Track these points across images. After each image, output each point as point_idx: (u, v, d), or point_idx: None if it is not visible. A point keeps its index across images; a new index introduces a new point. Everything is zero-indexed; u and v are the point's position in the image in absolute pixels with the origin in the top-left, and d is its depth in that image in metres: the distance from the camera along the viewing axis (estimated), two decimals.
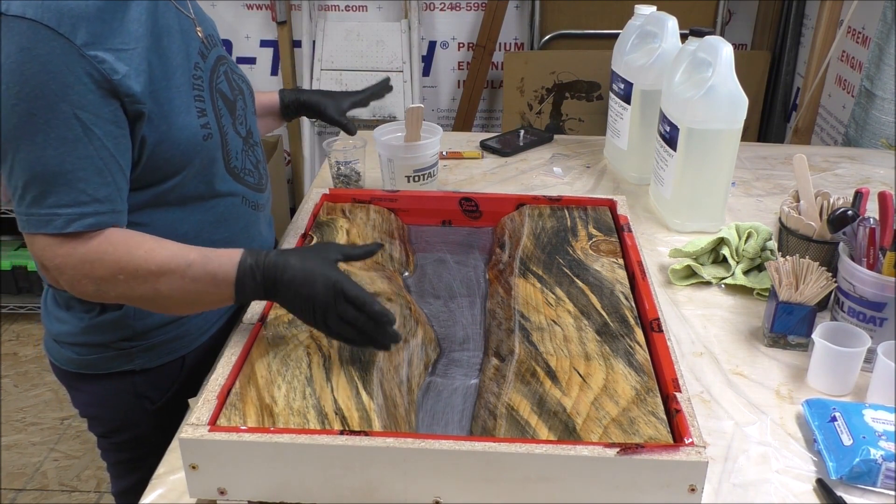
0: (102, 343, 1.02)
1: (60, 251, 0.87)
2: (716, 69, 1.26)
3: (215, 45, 1.06)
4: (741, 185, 1.59)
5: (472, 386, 0.92)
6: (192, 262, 0.88)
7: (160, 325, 1.03)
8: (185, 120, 0.94)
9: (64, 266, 0.87)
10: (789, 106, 2.73)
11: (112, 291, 0.89)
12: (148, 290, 0.88)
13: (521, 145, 1.79)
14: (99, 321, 1.00)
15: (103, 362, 1.03)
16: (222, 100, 1.03)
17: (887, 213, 1.02)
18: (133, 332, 1.01)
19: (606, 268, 1.08)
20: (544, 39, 2.75)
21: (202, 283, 0.88)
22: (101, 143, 0.86)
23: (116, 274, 0.87)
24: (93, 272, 0.87)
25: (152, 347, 1.03)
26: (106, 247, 0.87)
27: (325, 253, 0.89)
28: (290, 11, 2.81)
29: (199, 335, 1.07)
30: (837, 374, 0.97)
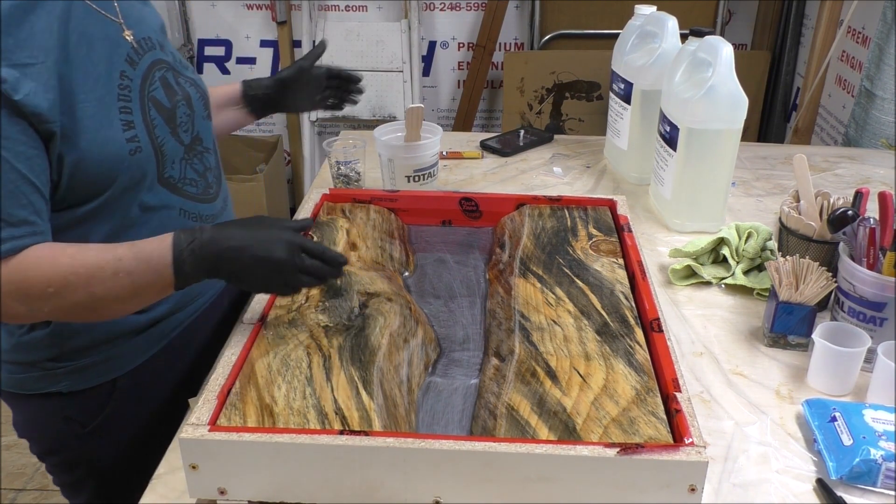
0: (29, 362, 0.97)
1: None
2: (716, 69, 1.26)
3: (152, 48, 0.97)
4: (741, 185, 1.59)
5: (472, 386, 0.92)
6: (121, 257, 0.84)
7: (89, 345, 0.97)
8: (106, 135, 0.87)
9: None
10: (789, 106, 2.73)
11: (45, 307, 0.84)
12: (82, 297, 0.83)
13: (521, 145, 1.79)
14: (27, 339, 0.96)
15: (30, 382, 0.99)
16: (156, 108, 0.95)
17: (887, 213, 1.02)
18: (60, 351, 0.96)
19: (606, 268, 1.08)
20: (544, 39, 2.75)
21: (137, 273, 0.84)
22: (11, 166, 0.80)
23: (45, 288, 0.82)
24: (20, 293, 0.82)
25: (81, 369, 0.98)
26: (27, 264, 0.82)
27: (266, 220, 0.88)
28: (290, 11, 2.81)
29: (133, 357, 1.01)
30: (837, 374, 0.97)
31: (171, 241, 0.85)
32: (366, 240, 1.16)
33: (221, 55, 2.96)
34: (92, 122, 0.86)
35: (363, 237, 1.17)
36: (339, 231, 1.17)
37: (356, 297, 1.00)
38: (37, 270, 0.82)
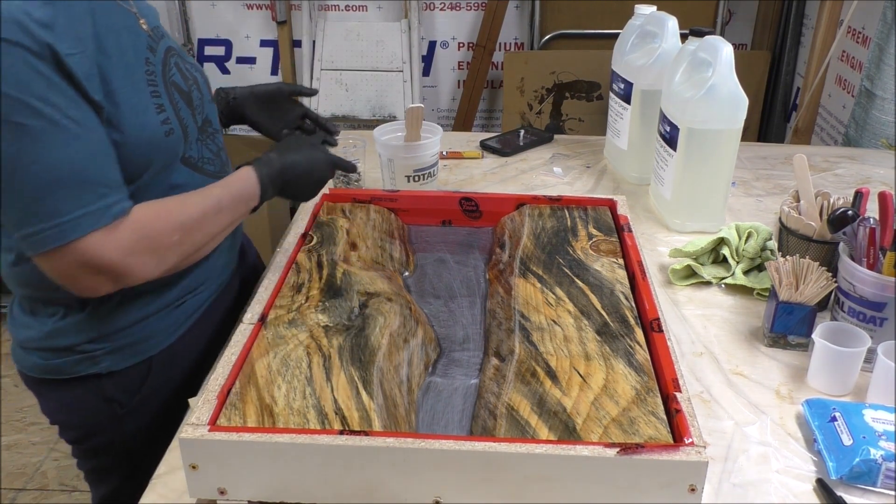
0: (67, 347, 0.99)
1: (111, 244, 0.85)
2: (716, 69, 1.26)
3: (162, 36, 1.02)
4: (741, 185, 1.59)
5: (472, 386, 0.92)
6: (220, 197, 0.96)
7: (125, 326, 1.01)
8: (144, 119, 0.92)
9: (121, 256, 0.86)
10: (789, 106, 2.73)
11: (172, 256, 0.92)
12: (199, 238, 0.95)
13: (521, 145, 1.79)
14: (63, 324, 0.98)
15: (68, 366, 1.01)
16: (178, 92, 1.00)
17: (887, 213, 1.02)
18: (98, 334, 0.99)
19: (606, 268, 1.08)
20: (544, 39, 2.75)
21: (233, 208, 0.98)
22: (98, 137, 0.86)
23: (171, 237, 0.91)
24: (150, 247, 0.89)
25: (118, 349, 1.01)
26: (146, 220, 0.89)
27: (308, 143, 1.10)
28: (290, 11, 2.81)
29: (165, 337, 1.05)
30: (837, 374, 0.97)
31: (256, 177, 1.00)
32: (366, 240, 1.16)
33: (221, 55, 2.96)
34: (131, 108, 0.90)
35: (363, 237, 1.17)
36: (339, 231, 1.17)
37: (356, 297, 1.00)
38: (158, 223, 0.90)
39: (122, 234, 0.86)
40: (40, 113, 0.80)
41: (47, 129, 0.81)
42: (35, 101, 0.80)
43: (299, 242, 1.13)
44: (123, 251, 0.86)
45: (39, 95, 0.80)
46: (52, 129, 0.81)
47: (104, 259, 0.85)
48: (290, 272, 1.06)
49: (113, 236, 0.86)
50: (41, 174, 0.81)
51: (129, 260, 0.87)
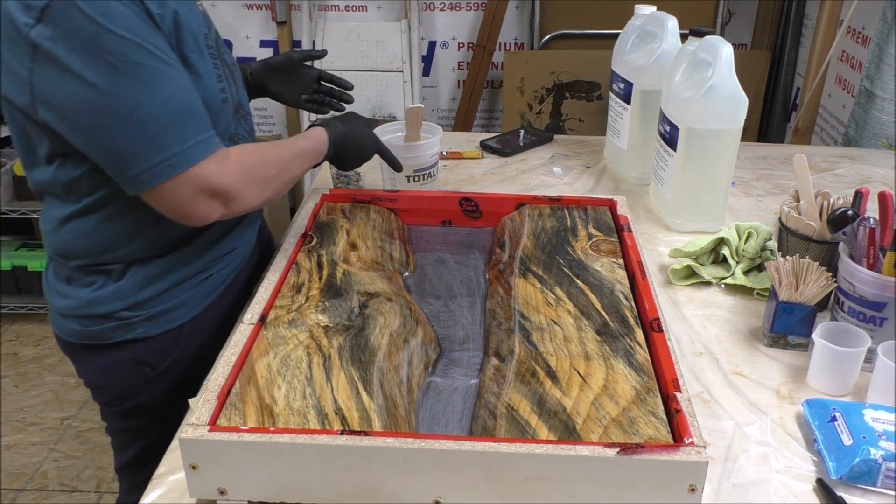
0: (105, 314, 1.05)
1: (223, 170, 0.95)
2: (716, 69, 1.26)
3: (211, 23, 1.10)
4: (741, 185, 1.59)
5: (472, 386, 0.92)
6: (303, 147, 1.10)
7: (159, 293, 1.07)
8: (208, 83, 1.00)
9: (233, 180, 0.96)
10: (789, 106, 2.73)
11: (268, 189, 1.02)
12: (287, 178, 1.06)
13: (521, 145, 1.79)
14: (101, 294, 1.05)
15: (106, 333, 1.07)
16: (227, 69, 1.08)
17: (887, 213, 1.02)
18: (134, 301, 1.06)
19: (606, 268, 1.08)
20: (544, 39, 2.75)
21: (309, 160, 1.12)
22: (189, 81, 0.95)
23: (269, 172, 1.02)
24: (253, 179, 0.99)
25: (153, 317, 1.08)
26: (244, 153, 1.00)
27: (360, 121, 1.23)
28: (290, 11, 2.81)
29: (196, 304, 1.12)
30: (837, 374, 0.97)
31: (328, 136, 1.15)
32: (366, 240, 1.16)
33: None
34: (198, 71, 0.99)
35: (363, 237, 1.17)
36: (339, 231, 1.17)
37: (356, 297, 1.00)
38: (257, 157, 1.01)
39: (231, 162, 0.96)
40: (152, 54, 0.89)
41: (159, 67, 0.90)
42: (146, 43, 0.88)
43: (299, 242, 1.13)
44: (234, 177, 0.96)
45: (148, 39, 0.89)
46: (164, 67, 0.90)
47: (220, 183, 0.94)
48: (290, 272, 1.06)
49: (224, 164, 0.95)
50: (159, 108, 0.90)
51: (239, 185, 0.97)
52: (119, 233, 1.02)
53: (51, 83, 0.87)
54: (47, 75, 0.87)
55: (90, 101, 0.87)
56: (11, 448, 2.16)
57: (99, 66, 0.86)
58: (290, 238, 1.14)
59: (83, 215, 1.01)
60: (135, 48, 0.87)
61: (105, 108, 0.87)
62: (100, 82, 0.86)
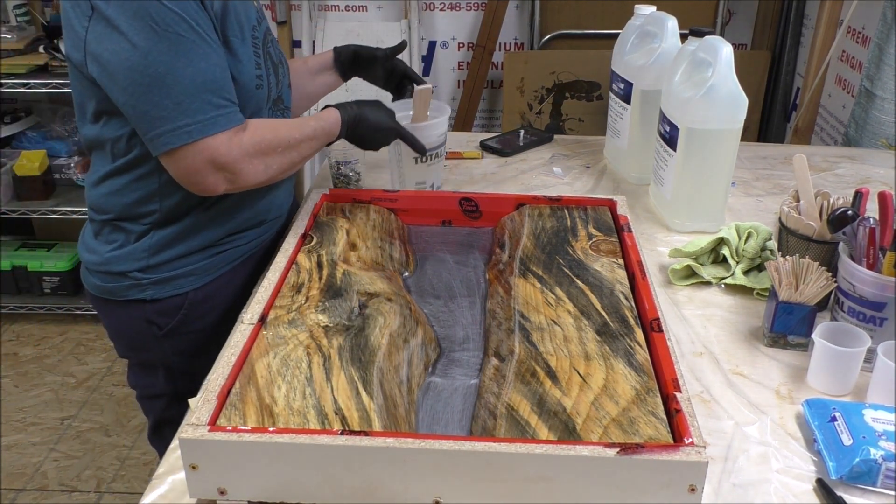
0: (121, 272, 1.16)
1: (235, 144, 1.03)
2: (716, 69, 1.26)
3: (264, 18, 1.20)
4: (741, 185, 1.59)
5: (472, 386, 0.92)
6: (314, 127, 1.15)
7: (171, 259, 1.16)
8: (245, 67, 1.09)
9: (240, 156, 1.04)
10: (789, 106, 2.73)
11: (275, 164, 1.10)
12: (294, 156, 1.13)
13: (521, 145, 1.78)
14: (119, 253, 1.15)
15: (121, 290, 1.17)
16: (270, 62, 1.17)
17: (887, 213, 1.02)
18: (147, 265, 1.15)
19: (606, 268, 1.08)
20: (544, 39, 2.75)
21: (319, 140, 1.17)
22: (224, 60, 1.04)
23: (277, 147, 1.09)
24: (260, 152, 1.07)
25: (160, 281, 1.16)
26: (257, 132, 1.07)
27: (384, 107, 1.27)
28: (290, 11, 2.81)
29: (203, 275, 1.19)
30: (837, 374, 0.97)
31: (341, 118, 1.19)
32: (366, 240, 1.16)
33: None
34: (238, 55, 1.08)
35: (363, 237, 1.17)
36: (339, 231, 1.17)
37: (356, 297, 1.00)
38: (267, 133, 1.08)
39: (244, 137, 1.05)
40: (194, 29, 0.99)
41: (198, 42, 0.99)
42: (190, 19, 0.98)
43: (299, 242, 1.13)
44: (242, 152, 1.04)
45: (192, 16, 0.99)
46: (202, 43, 1.00)
47: (229, 157, 1.03)
48: (290, 272, 1.06)
49: (237, 138, 1.04)
50: (189, 78, 0.99)
51: (245, 161, 1.05)
52: (145, 194, 1.11)
53: (101, 40, 0.98)
54: (99, 32, 0.98)
55: (131, 61, 0.97)
56: (11, 448, 2.16)
57: (143, 30, 0.96)
58: (290, 238, 1.14)
59: (118, 174, 1.11)
60: (179, 20, 0.97)
61: (142, 68, 0.97)
62: (142, 44, 0.96)
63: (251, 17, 1.12)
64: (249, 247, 1.24)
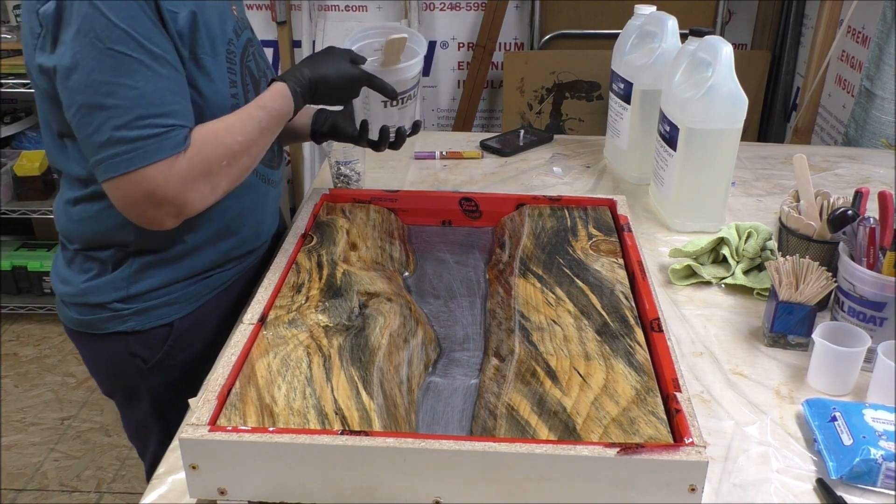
0: (99, 304, 1.08)
1: (174, 173, 0.93)
2: (716, 69, 1.26)
3: (246, 27, 1.12)
4: (741, 185, 1.59)
5: (472, 386, 0.92)
6: (259, 118, 1.02)
7: (153, 288, 1.08)
8: (218, 86, 1.01)
9: (181, 186, 0.94)
10: (789, 106, 2.73)
11: (224, 180, 0.99)
12: (246, 161, 1.01)
13: (521, 145, 1.78)
14: (96, 283, 1.07)
15: (100, 322, 1.09)
16: (250, 77, 1.09)
17: (887, 213, 1.02)
18: (126, 294, 1.07)
19: (606, 268, 1.08)
20: (544, 39, 2.75)
21: (272, 125, 1.04)
22: (183, 80, 0.96)
23: (220, 162, 0.97)
24: (203, 173, 0.96)
25: (144, 311, 1.09)
26: (198, 147, 0.96)
27: (336, 53, 1.12)
28: (290, 11, 2.81)
29: (188, 302, 1.12)
30: (837, 374, 0.97)
31: (290, 92, 1.05)
32: (366, 240, 1.16)
33: None
34: (208, 74, 1.00)
35: (363, 237, 1.17)
36: (339, 231, 1.17)
37: (356, 297, 1.00)
38: (208, 150, 0.96)
39: (184, 161, 0.94)
40: (143, 47, 0.91)
41: (147, 62, 0.91)
42: (140, 37, 0.90)
43: (299, 242, 1.13)
44: (183, 180, 0.94)
45: (145, 33, 0.91)
46: (151, 63, 0.91)
47: (168, 189, 0.93)
48: (290, 272, 1.06)
49: (177, 165, 0.93)
50: (134, 101, 0.90)
51: (188, 188, 0.95)
52: (120, 221, 1.01)
53: (49, 57, 0.91)
54: (47, 49, 0.91)
55: (72, 80, 0.90)
56: (11, 448, 2.16)
57: (87, 48, 0.88)
58: (290, 238, 1.14)
59: (90, 200, 1.03)
60: (126, 38, 0.89)
61: (83, 88, 0.90)
62: (84, 63, 0.89)
63: (227, 30, 1.04)
64: (236, 271, 1.17)
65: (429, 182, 1.60)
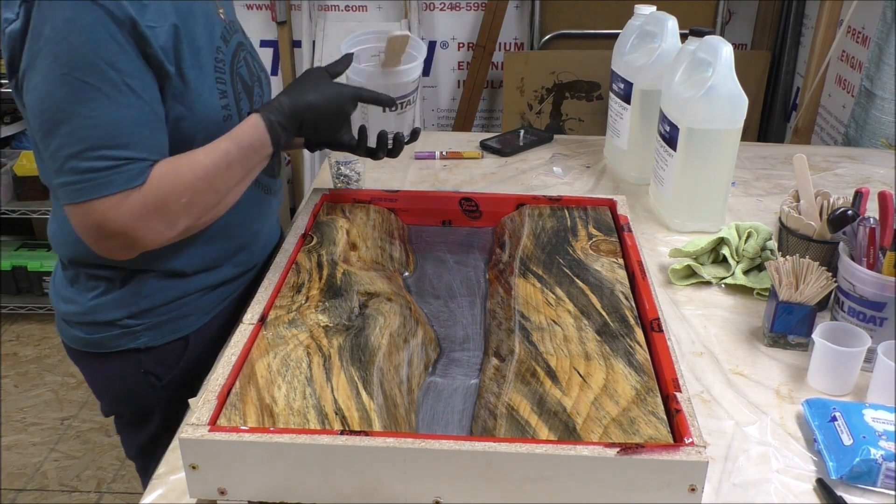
0: (108, 321, 1.04)
1: (125, 209, 0.89)
2: (716, 69, 1.26)
3: (237, 30, 1.08)
4: (741, 185, 1.59)
5: (472, 386, 0.92)
6: (227, 150, 0.95)
7: (164, 303, 1.05)
8: (207, 99, 0.97)
9: (132, 221, 0.89)
10: (789, 106, 2.73)
11: (183, 219, 0.93)
12: (210, 198, 0.94)
13: (521, 145, 1.79)
14: (104, 300, 1.03)
15: (110, 340, 1.05)
16: (241, 84, 1.05)
17: (887, 213, 1.02)
18: (138, 309, 1.04)
19: (606, 268, 1.08)
20: (544, 39, 2.75)
21: (244, 159, 0.96)
22: (150, 108, 0.90)
23: (178, 199, 0.91)
24: (158, 210, 0.90)
25: (157, 325, 1.06)
26: (155, 182, 0.90)
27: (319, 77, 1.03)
28: (290, 11, 2.81)
29: (202, 315, 1.10)
30: (837, 374, 0.97)
31: (265, 125, 0.97)
32: (366, 240, 1.16)
33: None
34: (196, 86, 0.95)
35: (363, 237, 1.17)
36: (339, 231, 1.17)
37: (356, 297, 1.00)
38: (166, 187, 0.91)
39: (134, 199, 0.89)
40: (104, 74, 0.85)
41: (106, 89, 0.86)
42: (102, 63, 0.85)
43: (299, 242, 1.13)
44: (134, 216, 0.89)
45: (108, 59, 0.85)
46: (110, 90, 0.86)
47: (117, 224, 0.89)
48: (290, 272, 1.06)
49: (129, 200, 0.89)
50: (89, 130, 0.86)
51: (140, 224, 0.90)
52: None
53: (22, 79, 0.88)
54: (16, 65, 0.88)
55: (33, 102, 0.87)
56: (11, 448, 2.16)
57: (45, 71, 0.85)
58: (290, 238, 1.14)
59: None
60: (85, 64, 0.84)
61: (40, 112, 0.87)
62: (43, 86, 0.86)
63: (214, 37, 0.99)
64: (247, 278, 1.16)
65: (429, 182, 1.60)
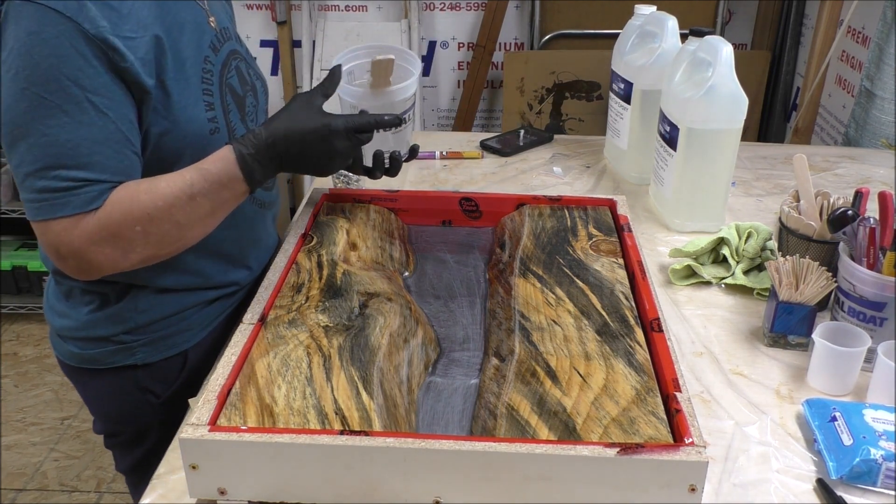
0: (104, 337, 1.02)
1: (78, 232, 0.85)
2: (716, 69, 1.26)
3: (229, 38, 1.04)
4: (741, 185, 1.59)
5: (472, 386, 0.92)
6: (192, 181, 0.88)
7: (161, 318, 1.03)
8: (192, 113, 0.93)
9: (84, 245, 0.86)
10: (789, 106, 2.73)
11: (139, 247, 0.88)
12: (168, 228, 0.88)
13: (521, 145, 1.79)
14: (99, 315, 1.01)
15: (105, 356, 1.03)
16: (231, 95, 1.01)
17: (887, 213, 1.02)
18: (134, 324, 1.02)
19: (606, 268, 1.08)
20: (544, 39, 2.75)
21: (212, 193, 0.89)
22: (116, 127, 0.86)
23: (133, 226, 0.86)
24: (110, 236, 0.86)
25: (154, 341, 1.04)
26: (111, 208, 0.86)
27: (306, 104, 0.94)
28: (290, 11, 2.81)
29: (200, 329, 1.08)
30: (837, 374, 0.97)
31: (235, 157, 0.89)
32: (366, 240, 1.16)
33: None
34: (180, 99, 0.91)
35: (363, 237, 1.17)
36: (339, 231, 1.17)
37: (356, 297, 1.00)
38: (119, 214, 0.86)
39: (88, 223, 0.86)
40: (66, 91, 0.82)
41: (63, 108, 0.82)
42: (64, 79, 0.82)
43: (299, 242, 1.13)
44: (87, 240, 0.86)
45: (71, 75, 0.82)
46: (70, 108, 0.83)
47: (70, 246, 0.86)
48: (290, 272, 1.06)
49: (83, 223, 0.86)
50: (43, 149, 0.83)
51: (92, 248, 0.86)
52: None
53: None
54: None
55: (1, 115, 0.85)
56: (11, 448, 2.16)
57: (8, 84, 0.83)
58: (290, 238, 1.14)
59: None
60: (45, 80, 0.81)
61: (4, 124, 0.85)
62: (6, 100, 0.83)
63: (202, 47, 0.96)
64: (244, 291, 1.14)
65: (429, 182, 1.60)
